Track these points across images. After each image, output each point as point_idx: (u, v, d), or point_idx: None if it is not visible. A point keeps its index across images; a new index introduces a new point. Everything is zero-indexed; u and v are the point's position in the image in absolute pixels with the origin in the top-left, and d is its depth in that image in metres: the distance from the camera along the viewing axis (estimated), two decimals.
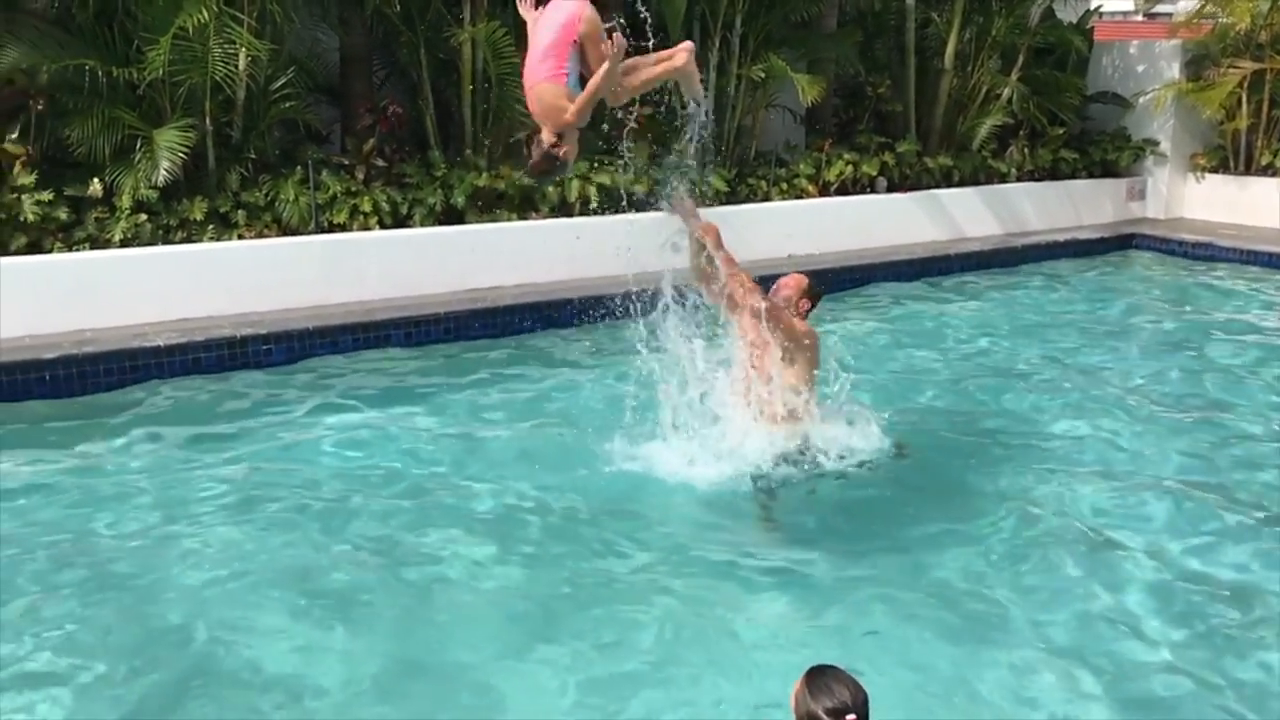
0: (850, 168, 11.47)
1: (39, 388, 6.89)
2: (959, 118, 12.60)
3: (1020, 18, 12.52)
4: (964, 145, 12.54)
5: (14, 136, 7.97)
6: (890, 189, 11.81)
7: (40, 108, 8.08)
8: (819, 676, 2.59)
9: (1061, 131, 13.14)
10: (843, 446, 5.68)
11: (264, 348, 7.61)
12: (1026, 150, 12.85)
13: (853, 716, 2.49)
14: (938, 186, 12.12)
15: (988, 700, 3.95)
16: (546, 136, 4.96)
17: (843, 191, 11.51)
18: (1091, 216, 13.13)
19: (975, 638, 4.31)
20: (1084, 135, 13.68)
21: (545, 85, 4.87)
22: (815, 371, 5.74)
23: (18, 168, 7.87)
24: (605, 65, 4.76)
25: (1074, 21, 13.62)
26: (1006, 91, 12.35)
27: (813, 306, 5.79)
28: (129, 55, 8.28)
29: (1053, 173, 13.09)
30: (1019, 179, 12.76)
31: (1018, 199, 12.59)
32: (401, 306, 8.43)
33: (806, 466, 5.53)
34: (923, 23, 12.34)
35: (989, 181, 12.57)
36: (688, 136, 5.66)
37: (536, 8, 5.12)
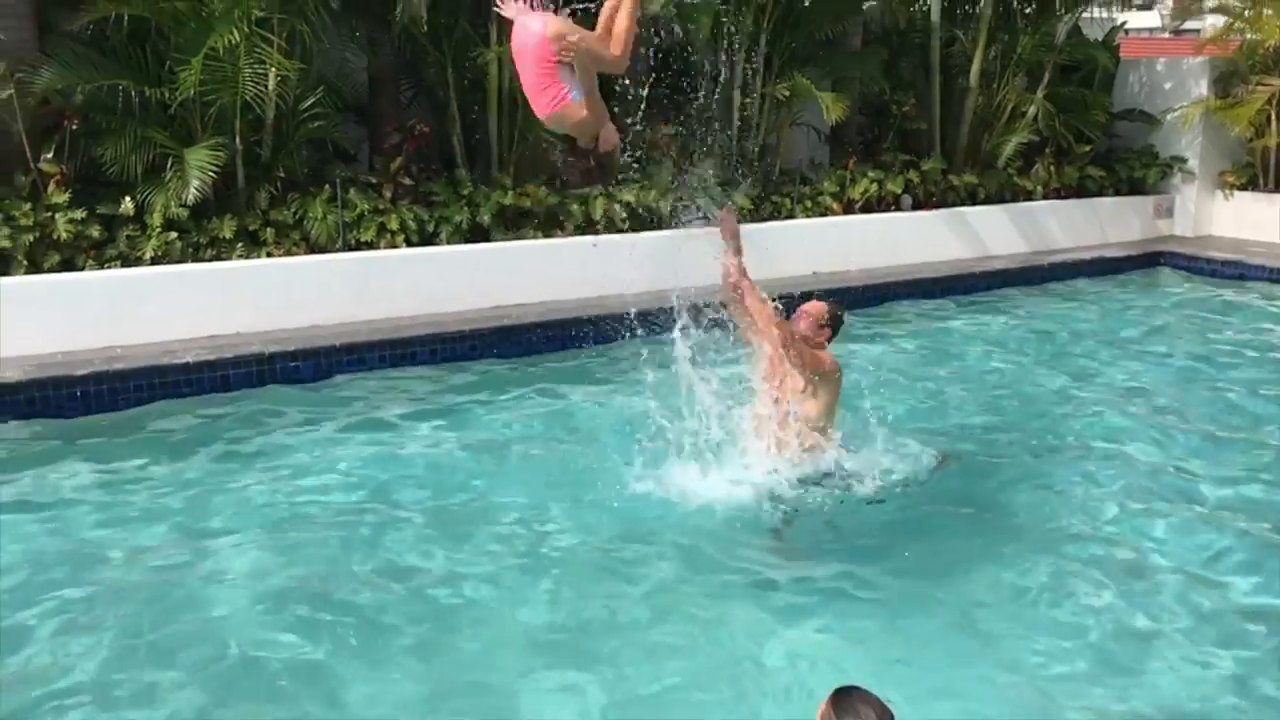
0: (875, 185, 11.47)
1: (70, 404, 6.97)
2: (984, 135, 12.57)
3: (1046, 35, 12.49)
4: (989, 163, 12.50)
5: (49, 156, 8.09)
6: (915, 207, 11.78)
7: (74, 127, 8.21)
8: (845, 698, 2.58)
9: (1088, 149, 13.08)
10: (866, 471, 5.63)
11: (292, 364, 7.68)
12: (1053, 168, 12.80)
13: None
14: (963, 204, 12.09)
15: None
16: (588, 145, 4.98)
17: (867, 209, 11.50)
18: (1119, 234, 13.05)
19: (1005, 663, 4.28)
20: (1111, 153, 13.62)
21: (559, 112, 4.87)
22: (836, 402, 5.68)
23: (52, 186, 7.99)
24: (576, 66, 4.74)
25: (1100, 39, 13.58)
26: (1032, 109, 12.32)
27: (835, 333, 5.70)
28: (161, 76, 8.40)
29: (1079, 190, 13.03)
30: (1045, 196, 12.71)
31: (1044, 216, 12.53)
32: (428, 324, 8.48)
33: (834, 491, 5.48)
34: (947, 41, 12.34)
35: (1015, 199, 12.52)
36: None
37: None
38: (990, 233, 12.07)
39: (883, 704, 2.56)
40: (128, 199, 8.19)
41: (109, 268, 7.94)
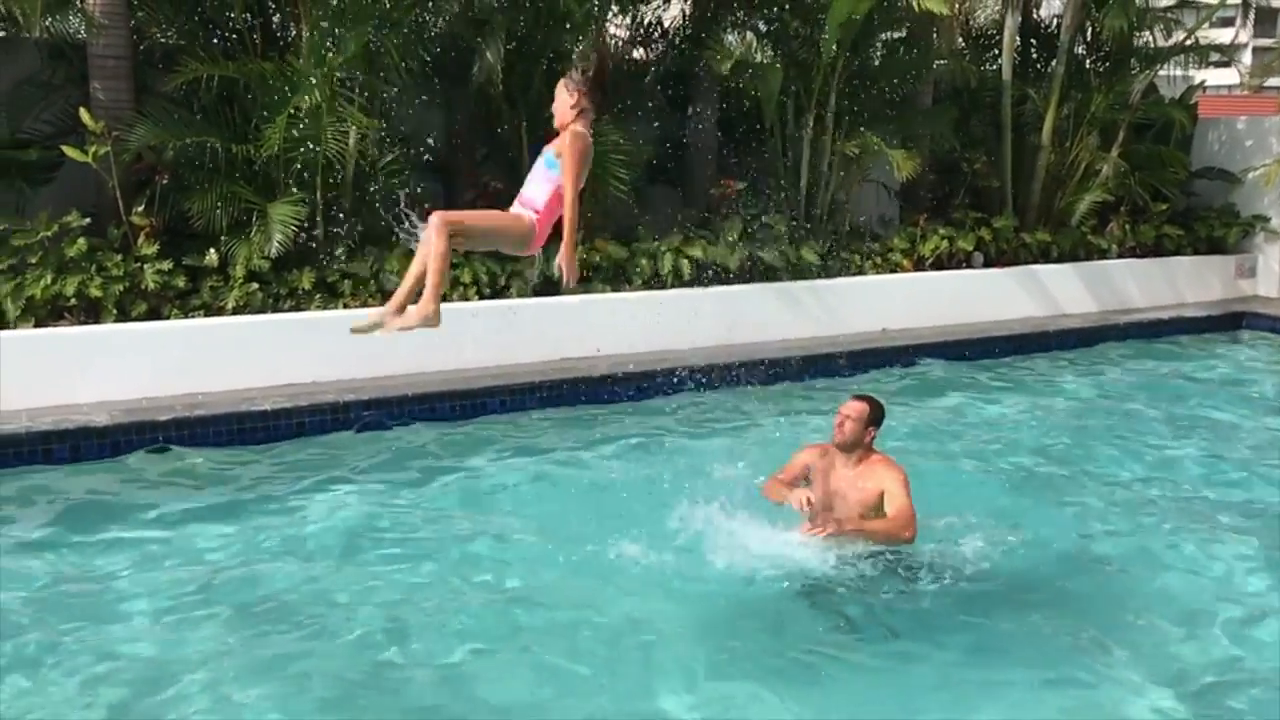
0: (946, 242, 11.41)
1: (151, 449, 7.15)
2: (1057, 193, 12.45)
3: (1120, 94, 12.38)
4: (1062, 221, 12.37)
5: (140, 209, 8.42)
6: (987, 264, 11.69)
7: (164, 182, 8.54)
8: None
9: (1165, 207, 12.88)
10: (927, 542, 5.38)
11: (365, 413, 7.81)
12: (1128, 226, 12.61)
13: None
14: (1035, 262, 11.96)
15: None
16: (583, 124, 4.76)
17: (938, 266, 11.43)
18: (1198, 294, 12.78)
19: None
20: (1189, 211, 13.39)
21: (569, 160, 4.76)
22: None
23: (142, 238, 8.30)
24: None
25: (1177, 96, 13.42)
26: (1106, 168, 12.18)
27: (879, 426, 5.44)
28: (247, 133, 8.72)
29: (1156, 249, 12.80)
30: (1120, 255, 12.52)
31: (1119, 275, 12.33)
32: (497, 375, 8.59)
33: (893, 566, 5.21)
34: (1019, 99, 12.30)
35: (1089, 258, 12.35)
36: None
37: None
38: (1063, 291, 11.91)
39: None
40: (212, 251, 8.47)
41: (193, 317, 8.20)
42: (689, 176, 11.17)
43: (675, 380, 8.70)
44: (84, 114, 8.13)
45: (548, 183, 4.73)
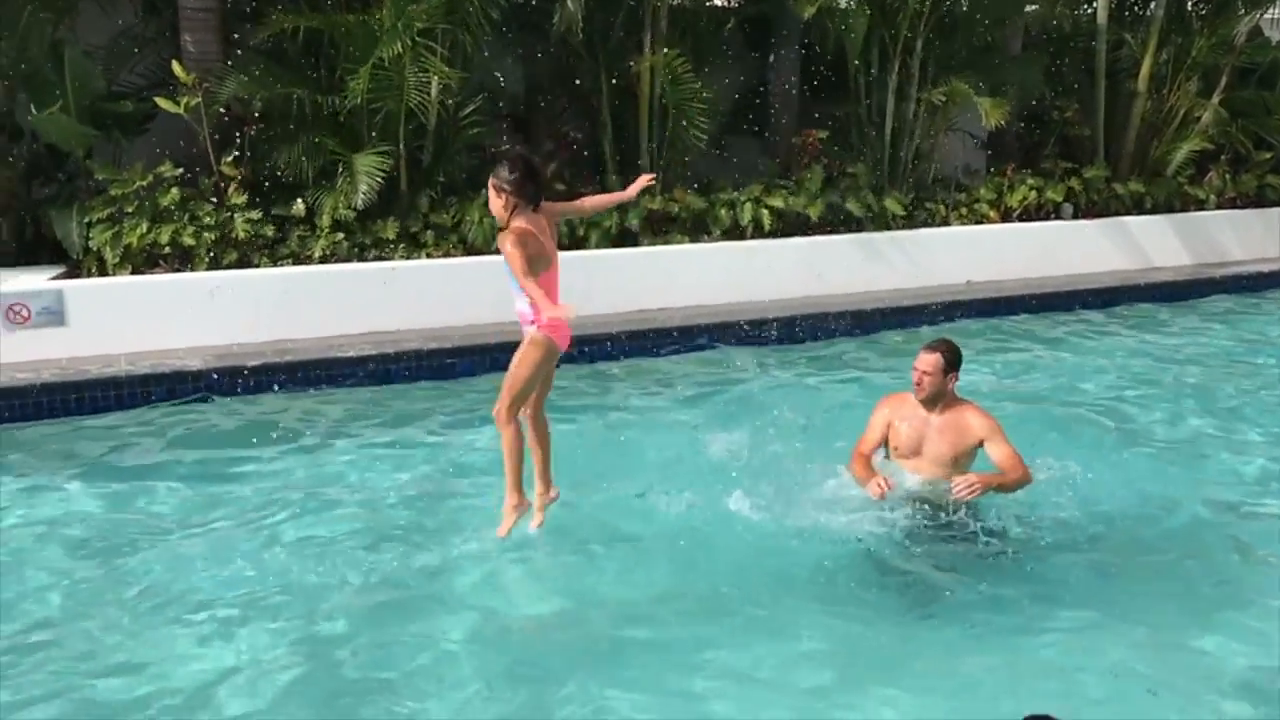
0: (1034, 193, 11.11)
1: (243, 391, 7.38)
2: (1153, 142, 12.01)
3: (1224, 37, 11.85)
4: (1158, 171, 11.94)
5: (229, 159, 8.61)
6: (1076, 215, 11.37)
7: (253, 133, 8.71)
8: None
9: (1269, 156, 12.35)
10: (1009, 513, 5.25)
11: (449, 361, 7.94)
12: (1228, 176, 12.13)
13: None
14: (1128, 214, 11.59)
15: None
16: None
17: (1026, 217, 11.15)
18: None
19: None
20: None
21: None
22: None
23: (232, 188, 8.50)
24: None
25: None
26: (1206, 116, 11.70)
27: (958, 369, 5.29)
28: (332, 85, 8.83)
29: (1258, 200, 12.30)
30: (1219, 206, 12.06)
31: (1217, 227, 11.89)
32: (575, 325, 8.60)
33: (971, 526, 5.11)
34: (1114, 44, 11.85)
35: (1184, 209, 11.92)
36: None
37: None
38: (1156, 244, 11.53)
39: None
40: (299, 201, 8.64)
41: (281, 265, 8.39)
42: (770, 125, 11.03)
43: (754, 331, 8.68)
44: (176, 66, 8.31)
45: (517, 293, 4.88)
